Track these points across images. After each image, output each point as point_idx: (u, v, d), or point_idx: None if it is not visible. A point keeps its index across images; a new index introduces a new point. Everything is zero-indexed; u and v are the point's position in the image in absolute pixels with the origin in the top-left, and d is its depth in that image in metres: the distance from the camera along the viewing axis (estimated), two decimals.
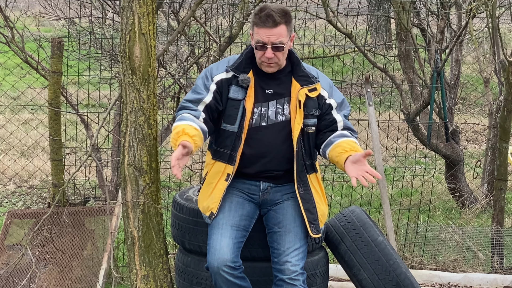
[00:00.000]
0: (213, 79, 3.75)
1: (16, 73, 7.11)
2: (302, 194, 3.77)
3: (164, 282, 4.07)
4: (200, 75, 3.82)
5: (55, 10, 7.19)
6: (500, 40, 5.95)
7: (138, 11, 3.89)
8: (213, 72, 3.77)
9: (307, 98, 3.74)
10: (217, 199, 3.74)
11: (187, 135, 3.54)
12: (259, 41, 3.65)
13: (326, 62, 7.47)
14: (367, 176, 3.50)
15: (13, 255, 5.00)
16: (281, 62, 3.72)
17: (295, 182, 3.76)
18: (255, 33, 3.68)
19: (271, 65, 3.70)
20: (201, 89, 3.75)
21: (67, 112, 5.91)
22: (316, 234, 3.78)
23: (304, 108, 3.74)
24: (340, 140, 3.71)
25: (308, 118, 3.75)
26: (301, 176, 3.77)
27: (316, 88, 3.77)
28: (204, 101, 3.72)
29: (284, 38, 3.66)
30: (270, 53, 3.66)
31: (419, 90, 6.53)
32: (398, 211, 6.43)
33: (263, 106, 3.75)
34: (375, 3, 7.67)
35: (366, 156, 3.54)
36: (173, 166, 3.42)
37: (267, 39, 3.64)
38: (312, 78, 3.78)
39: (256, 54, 3.71)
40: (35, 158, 7.57)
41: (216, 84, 3.74)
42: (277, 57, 3.68)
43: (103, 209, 5.22)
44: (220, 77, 3.75)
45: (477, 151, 9.48)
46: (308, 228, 3.75)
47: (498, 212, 5.85)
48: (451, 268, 5.78)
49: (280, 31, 3.64)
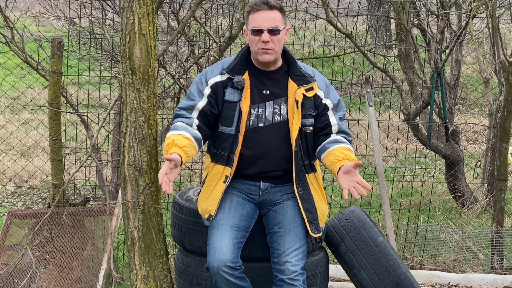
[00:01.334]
0: (208, 83, 3.74)
1: (16, 74, 7.11)
2: (301, 193, 3.77)
3: (164, 282, 4.07)
4: (194, 80, 3.82)
5: (55, 10, 7.19)
6: (500, 40, 5.96)
7: (138, 11, 3.89)
8: (207, 75, 3.77)
9: (304, 98, 3.74)
10: (215, 201, 3.74)
11: (176, 147, 3.55)
12: (255, 27, 3.65)
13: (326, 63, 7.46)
14: (358, 188, 3.53)
15: (13, 255, 4.99)
16: (277, 49, 3.69)
17: (294, 182, 3.76)
18: (250, 20, 3.68)
19: (268, 51, 3.67)
20: (194, 95, 3.74)
21: (67, 112, 5.91)
22: (316, 233, 3.78)
23: (302, 108, 3.73)
24: (333, 147, 3.70)
25: (306, 118, 3.75)
26: (300, 176, 3.77)
27: (313, 87, 3.77)
28: (197, 107, 3.71)
29: (279, 24, 3.65)
30: (267, 37, 3.63)
31: (419, 90, 6.53)
32: (398, 212, 6.43)
33: (259, 107, 3.74)
34: (375, 3, 7.67)
35: (356, 167, 3.55)
36: (161, 183, 3.43)
37: (263, 23, 3.64)
38: (309, 78, 3.77)
39: (252, 43, 3.69)
40: (35, 159, 7.57)
41: (211, 87, 3.74)
42: (273, 43, 3.66)
43: (103, 209, 5.22)
44: (215, 80, 3.75)
45: (477, 152, 9.48)
46: (308, 227, 3.75)
47: (498, 213, 5.85)
48: (451, 268, 5.77)
49: (275, 15, 3.65)
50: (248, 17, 3.70)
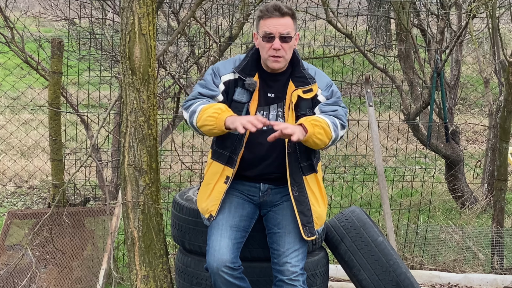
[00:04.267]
0: (221, 79, 3.74)
1: (16, 74, 7.11)
2: (296, 196, 3.74)
3: (164, 282, 4.07)
4: (208, 71, 3.80)
5: (55, 10, 7.20)
6: (500, 41, 5.96)
7: (138, 12, 3.88)
8: (220, 71, 3.75)
9: (300, 99, 3.72)
10: (216, 201, 3.74)
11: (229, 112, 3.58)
12: (266, 32, 3.63)
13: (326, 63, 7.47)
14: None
15: (13, 255, 5.00)
16: (287, 57, 3.68)
17: (289, 184, 3.74)
18: (261, 26, 3.65)
19: (279, 60, 3.66)
20: (213, 86, 3.73)
21: (67, 112, 5.91)
22: (310, 236, 3.73)
23: (297, 109, 3.71)
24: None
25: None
26: (296, 178, 3.74)
27: (312, 89, 3.75)
28: (217, 98, 3.71)
29: (291, 30, 3.64)
30: (278, 44, 3.62)
31: (419, 90, 6.53)
32: (398, 212, 6.43)
33: (264, 110, 3.74)
34: (375, 3, 7.67)
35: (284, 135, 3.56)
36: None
37: (274, 30, 3.62)
38: (309, 79, 3.75)
39: (262, 49, 3.68)
40: (35, 159, 7.57)
41: (224, 84, 3.74)
42: (284, 50, 3.64)
43: (103, 209, 5.22)
44: (228, 78, 3.74)
45: (477, 152, 9.48)
46: (301, 230, 3.72)
47: (498, 213, 5.85)
48: (451, 268, 5.78)
49: (287, 22, 3.63)
50: (259, 22, 3.68)
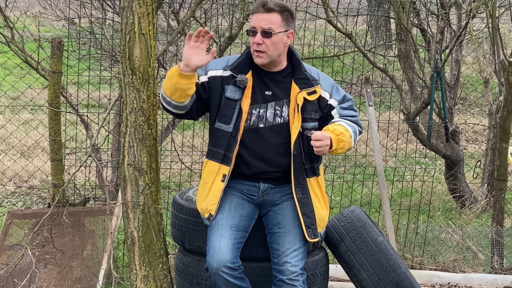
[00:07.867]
0: (208, 73, 3.74)
1: (16, 73, 7.11)
2: (300, 198, 3.74)
3: (164, 282, 4.07)
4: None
5: (55, 10, 7.20)
6: (500, 40, 5.96)
7: (138, 11, 3.89)
8: (208, 66, 3.72)
9: (306, 102, 3.72)
10: (215, 200, 3.73)
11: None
12: (250, 26, 3.66)
13: (326, 62, 7.47)
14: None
15: (13, 255, 4.99)
16: (271, 53, 3.66)
17: (293, 186, 3.74)
18: (250, 21, 3.70)
19: (260, 55, 3.65)
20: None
21: (67, 112, 5.91)
22: (313, 238, 3.75)
23: (303, 112, 3.71)
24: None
25: (306, 121, 3.72)
26: (300, 180, 3.75)
27: (316, 91, 3.75)
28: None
29: (274, 26, 3.62)
30: (259, 38, 3.62)
31: (419, 90, 6.53)
32: (398, 211, 6.43)
33: (261, 107, 3.73)
34: (375, 3, 7.67)
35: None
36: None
37: (257, 24, 3.63)
38: (312, 81, 3.75)
39: (251, 45, 3.69)
40: (35, 158, 7.57)
41: (208, 78, 3.74)
42: (266, 45, 3.63)
43: (103, 209, 5.22)
44: (215, 74, 3.74)
45: (477, 151, 9.49)
46: (305, 232, 3.72)
47: (498, 213, 5.85)
48: (451, 268, 5.78)
49: (271, 17, 3.62)
50: (251, 17, 3.71)
